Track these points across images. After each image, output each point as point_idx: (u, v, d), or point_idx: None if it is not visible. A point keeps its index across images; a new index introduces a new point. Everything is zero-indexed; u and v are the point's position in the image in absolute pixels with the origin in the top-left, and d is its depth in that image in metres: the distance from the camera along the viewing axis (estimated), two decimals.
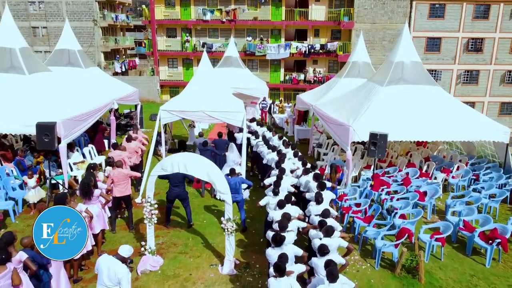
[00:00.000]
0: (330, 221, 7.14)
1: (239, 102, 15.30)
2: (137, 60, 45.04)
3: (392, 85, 12.53)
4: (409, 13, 29.94)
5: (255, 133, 14.19)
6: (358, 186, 11.31)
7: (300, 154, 11.44)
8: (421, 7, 29.78)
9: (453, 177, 12.62)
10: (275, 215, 7.47)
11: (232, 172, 9.81)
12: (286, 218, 6.98)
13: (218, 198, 11.51)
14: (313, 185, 8.85)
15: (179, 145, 16.65)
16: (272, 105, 23.49)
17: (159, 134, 14.62)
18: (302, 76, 32.18)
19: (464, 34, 30.01)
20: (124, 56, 46.14)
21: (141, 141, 13.25)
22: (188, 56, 32.87)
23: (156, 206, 8.19)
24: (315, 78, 32.07)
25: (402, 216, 9.45)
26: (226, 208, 7.79)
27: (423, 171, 13.07)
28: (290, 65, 33.85)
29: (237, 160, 11.42)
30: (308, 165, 10.26)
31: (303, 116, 20.26)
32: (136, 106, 19.74)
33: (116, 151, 10.87)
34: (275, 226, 7.01)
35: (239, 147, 13.71)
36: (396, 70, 12.76)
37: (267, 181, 10.06)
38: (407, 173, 12.69)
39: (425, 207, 10.72)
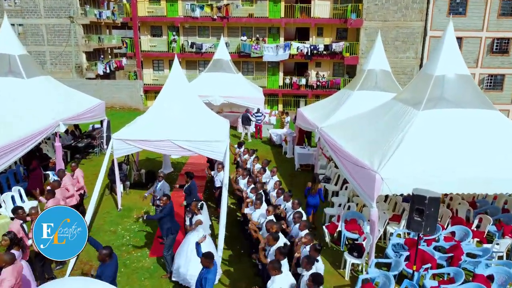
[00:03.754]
0: None
1: (222, 125, 11.73)
2: (124, 60, 41.41)
3: (433, 109, 8.90)
4: (425, 10, 26.27)
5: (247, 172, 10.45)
6: (387, 267, 7.62)
7: (306, 223, 7.51)
8: (439, 3, 26.09)
9: None
10: None
11: (209, 258, 5.97)
12: None
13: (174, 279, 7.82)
14: None
15: (147, 178, 13.01)
16: (258, 115, 19.73)
17: (113, 167, 11.07)
18: (303, 81, 28.57)
19: (488, 33, 26.39)
20: (110, 56, 42.51)
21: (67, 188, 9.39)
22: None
23: None
24: (318, 83, 28.53)
25: None
26: None
27: (473, 226, 9.45)
28: (290, 68, 30.26)
29: (206, 224, 7.81)
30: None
31: (304, 135, 16.63)
32: (102, 122, 16.12)
33: (15, 223, 7.10)
34: None
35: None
36: (436, 87, 9.14)
37: None
38: (452, 233, 9.09)
39: None
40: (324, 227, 9.58)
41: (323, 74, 29.03)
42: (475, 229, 9.42)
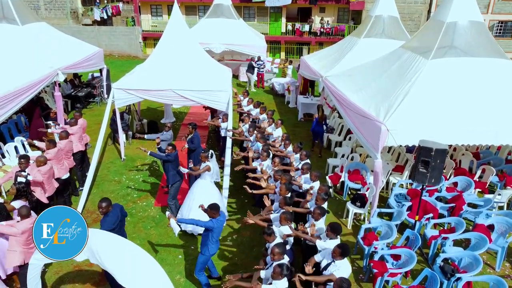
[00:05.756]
0: None
1: (224, 74, 11.44)
2: (120, 5, 39.87)
3: (442, 58, 8.61)
4: None
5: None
6: (389, 217, 7.72)
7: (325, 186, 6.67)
8: None
9: None
10: None
11: (214, 209, 5.89)
12: None
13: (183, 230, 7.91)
14: None
15: (150, 127, 12.96)
16: (259, 63, 19.30)
17: (114, 117, 10.97)
18: (307, 27, 27.64)
19: None
20: (106, 1, 40.86)
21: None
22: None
23: None
24: (322, 30, 27.62)
25: (467, 283, 6.03)
26: None
27: (476, 177, 9.49)
28: (293, 13, 29.17)
29: (214, 172, 7.79)
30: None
31: (308, 84, 16.35)
32: (101, 71, 15.78)
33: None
34: None
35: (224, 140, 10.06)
36: (447, 35, 8.77)
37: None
38: (455, 184, 9.14)
39: (491, 250, 7.27)
40: (327, 177, 9.63)
41: (327, 20, 28.04)
42: (477, 179, 9.47)
